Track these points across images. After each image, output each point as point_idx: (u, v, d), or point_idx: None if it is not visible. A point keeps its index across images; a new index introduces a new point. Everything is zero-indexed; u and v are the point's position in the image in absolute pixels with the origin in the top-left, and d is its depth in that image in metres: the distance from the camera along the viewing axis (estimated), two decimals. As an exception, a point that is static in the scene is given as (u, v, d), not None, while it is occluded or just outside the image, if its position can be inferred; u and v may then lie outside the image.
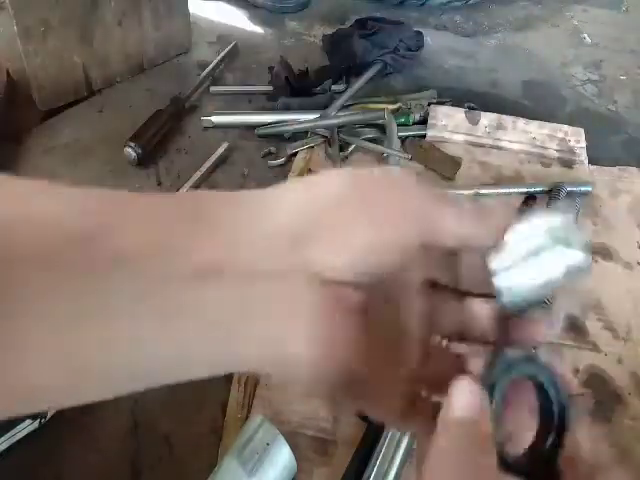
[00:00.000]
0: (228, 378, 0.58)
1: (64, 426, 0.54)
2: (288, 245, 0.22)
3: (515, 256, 0.22)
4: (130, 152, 0.79)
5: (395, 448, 0.51)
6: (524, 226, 0.23)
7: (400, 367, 0.25)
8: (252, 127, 0.88)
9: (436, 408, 0.22)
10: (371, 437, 0.53)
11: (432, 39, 1.12)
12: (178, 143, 0.86)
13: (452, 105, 0.92)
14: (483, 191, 0.78)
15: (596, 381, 0.60)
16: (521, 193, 0.79)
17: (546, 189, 0.78)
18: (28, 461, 0.52)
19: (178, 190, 0.77)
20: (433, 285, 0.26)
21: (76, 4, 0.83)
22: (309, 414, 0.56)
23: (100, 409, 0.56)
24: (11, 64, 0.90)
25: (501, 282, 0.23)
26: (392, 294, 0.25)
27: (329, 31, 1.09)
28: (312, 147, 0.85)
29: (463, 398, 0.21)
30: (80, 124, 0.87)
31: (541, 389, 0.23)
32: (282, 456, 0.49)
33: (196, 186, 0.79)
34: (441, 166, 0.83)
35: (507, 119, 0.89)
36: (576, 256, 0.22)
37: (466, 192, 0.78)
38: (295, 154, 0.84)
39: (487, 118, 0.89)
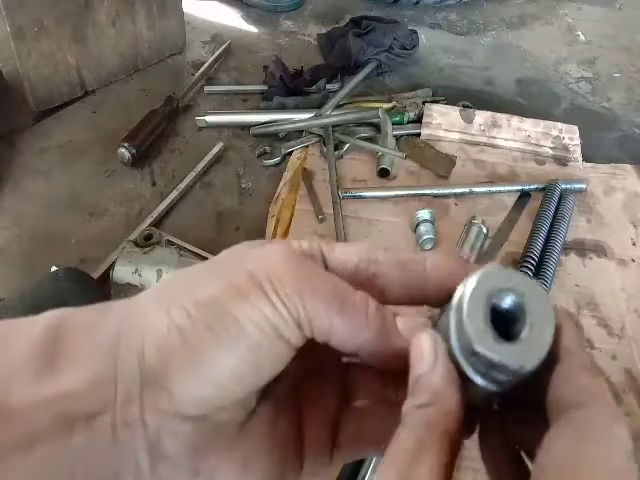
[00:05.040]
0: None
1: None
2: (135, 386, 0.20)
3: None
4: (124, 152, 0.79)
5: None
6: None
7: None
8: (247, 127, 0.88)
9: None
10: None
11: (427, 38, 1.12)
12: (172, 143, 0.86)
13: (447, 103, 0.92)
14: (477, 189, 0.78)
15: (590, 378, 0.60)
16: (516, 191, 0.79)
17: (540, 187, 0.79)
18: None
19: (174, 189, 0.77)
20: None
21: (69, 4, 0.83)
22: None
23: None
24: (4, 65, 0.89)
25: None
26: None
27: (324, 30, 1.09)
28: (307, 146, 0.85)
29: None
30: (74, 125, 0.87)
31: None
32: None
33: (191, 186, 0.79)
34: (436, 164, 0.83)
35: (501, 117, 0.89)
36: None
37: (461, 190, 0.78)
38: (290, 153, 0.84)
39: (482, 116, 0.89)
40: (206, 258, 0.66)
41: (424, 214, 0.71)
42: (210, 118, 0.87)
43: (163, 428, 0.20)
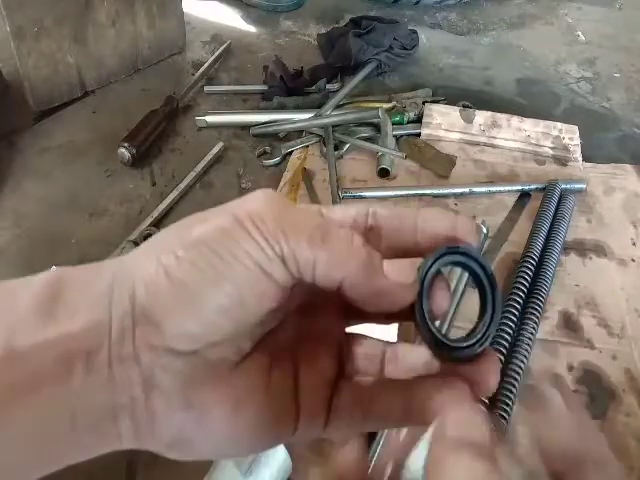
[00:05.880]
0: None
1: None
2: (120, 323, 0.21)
3: None
4: (124, 153, 0.79)
5: (390, 446, 0.51)
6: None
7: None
8: (247, 127, 0.88)
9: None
10: (367, 436, 0.53)
11: (427, 38, 1.12)
12: (172, 143, 0.86)
13: (447, 103, 0.92)
14: (477, 189, 0.78)
15: (590, 378, 0.60)
16: (516, 191, 0.79)
17: (540, 187, 0.79)
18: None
19: (174, 189, 0.77)
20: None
21: (69, 4, 0.83)
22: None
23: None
24: (4, 65, 0.90)
25: None
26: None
27: (324, 30, 1.09)
28: (307, 146, 0.85)
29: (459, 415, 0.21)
30: (74, 125, 0.87)
31: (472, 275, 0.24)
32: (277, 456, 0.49)
33: (191, 186, 0.79)
34: (436, 164, 0.83)
35: (501, 117, 0.89)
36: None
37: (461, 190, 0.78)
38: (290, 153, 0.84)
39: (482, 116, 0.89)
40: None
41: (424, 214, 0.71)
42: (210, 118, 0.88)
43: (156, 363, 0.21)
